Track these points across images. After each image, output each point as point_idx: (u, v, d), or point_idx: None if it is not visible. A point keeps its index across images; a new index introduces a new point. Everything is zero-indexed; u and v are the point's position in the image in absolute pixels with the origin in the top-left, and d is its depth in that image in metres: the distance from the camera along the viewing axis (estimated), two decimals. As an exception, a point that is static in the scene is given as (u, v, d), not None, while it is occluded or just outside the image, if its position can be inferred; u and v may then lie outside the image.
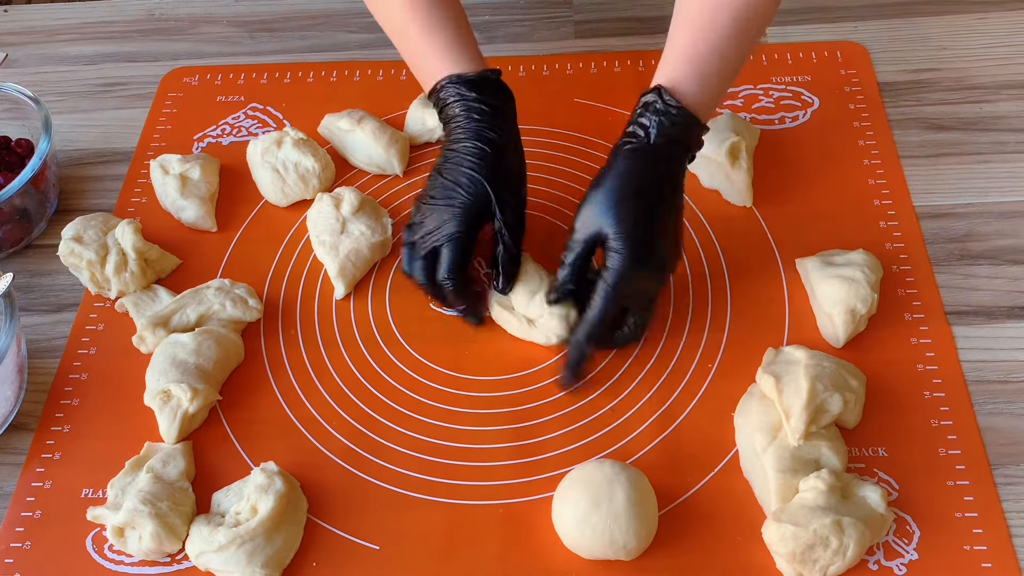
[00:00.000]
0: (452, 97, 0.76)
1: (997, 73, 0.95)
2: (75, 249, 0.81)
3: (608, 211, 0.70)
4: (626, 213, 0.70)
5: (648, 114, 0.71)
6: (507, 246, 0.75)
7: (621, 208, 0.70)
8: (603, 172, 0.72)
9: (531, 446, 0.73)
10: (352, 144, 0.91)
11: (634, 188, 0.71)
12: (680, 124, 0.71)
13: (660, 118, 0.71)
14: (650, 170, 0.71)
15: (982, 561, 0.65)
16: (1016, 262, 0.81)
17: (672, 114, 0.71)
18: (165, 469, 0.71)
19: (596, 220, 0.71)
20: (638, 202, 0.70)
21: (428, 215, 0.75)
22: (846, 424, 0.71)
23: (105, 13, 1.12)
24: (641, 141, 0.72)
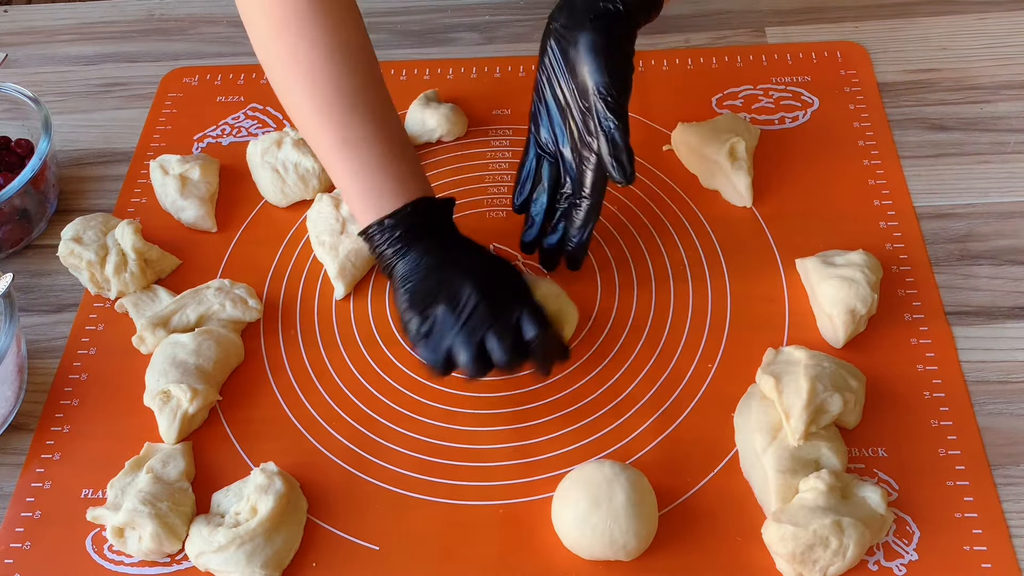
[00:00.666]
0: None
1: (997, 73, 0.95)
2: (75, 249, 0.81)
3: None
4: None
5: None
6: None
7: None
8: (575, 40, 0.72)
9: (531, 446, 0.73)
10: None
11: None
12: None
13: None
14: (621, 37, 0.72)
15: (982, 561, 0.65)
16: (1016, 262, 0.81)
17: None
18: (165, 469, 0.71)
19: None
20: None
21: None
22: (846, 424, 0.71)
23: (105, 13, 1.12)
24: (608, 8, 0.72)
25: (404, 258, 0.71)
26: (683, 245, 0.84)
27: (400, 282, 0.71)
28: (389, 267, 0.72)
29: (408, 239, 0.71)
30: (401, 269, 0.71)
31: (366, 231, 0.72)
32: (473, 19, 1.07)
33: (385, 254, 0.72)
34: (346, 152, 0.72)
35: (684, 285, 0.81)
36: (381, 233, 0.72)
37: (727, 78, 0.96)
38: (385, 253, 0.72)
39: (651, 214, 0.86)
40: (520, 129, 0.94)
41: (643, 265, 0.83)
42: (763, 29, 1.02)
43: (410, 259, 0.71)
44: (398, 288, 0.72)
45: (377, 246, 0.72)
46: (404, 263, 0.71)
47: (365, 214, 0.72)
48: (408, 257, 0.71)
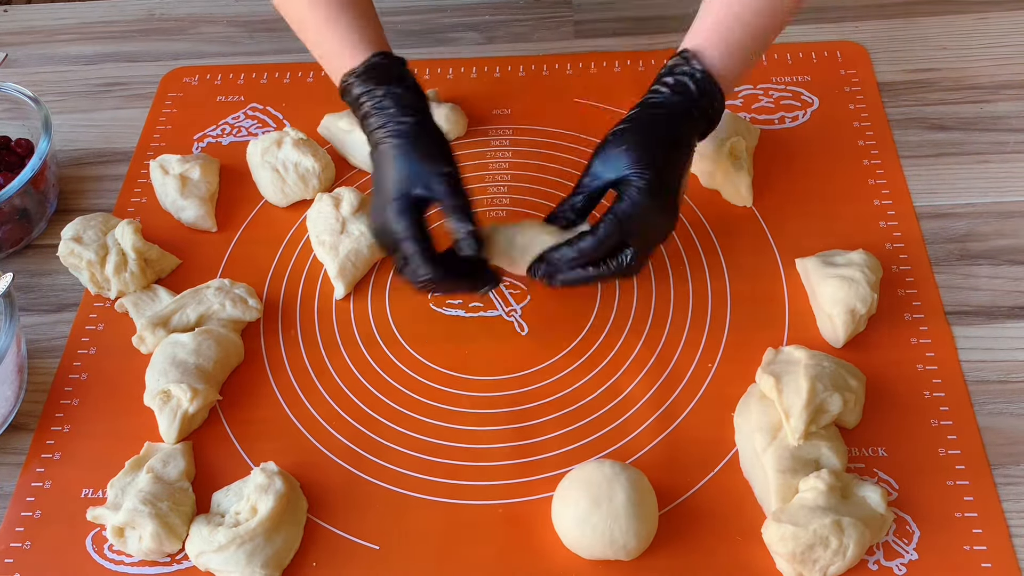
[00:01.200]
0: (355, 96, 0.75)
1: (997, 73, 0.95)
2: (75, 249, 0.81)
3: (629, 154, 0.70)
4: (647, 157, 0.70)
5: (673, 75, 0.73)
6: (448, 208, 0.72)
7: (643, 152, 0.70)
8: (624, 124, 0.73)
9: (531, 446, 0.73)
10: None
11: (656, 138, 0.71)
12: (702, 88, 0.72)
13: (684, 79, 0.72)
14: (670, 126, 0.72)
15: (982, 561, 0.65)
16: (1016, 262, 0.81)
17: (696, 77, 0.72)
18: (165, 469, 0.71)
19: (615, 163, 0.71)
20: (658, 150, 0.71)
21: (376, 226, 0.74)
22: (846, 424, 0.71)
23: (105, 13, 1.12)
24: (664, 100, 0.73)
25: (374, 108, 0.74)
26: (683, 245, 0.84)
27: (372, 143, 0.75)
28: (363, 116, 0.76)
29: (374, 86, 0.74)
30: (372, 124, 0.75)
31: (341, 90, 0.77)
32: (473, 19, 1.07)
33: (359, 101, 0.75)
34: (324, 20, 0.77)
35: (684, 285, 0.81)
36: (353, 88, 0.75)
37: (727, 78, 0.96)
38: (359, 109, 0.75)
39: (651, 214, 0.86)
40: (520, 129, 0.94)
41: (643, 265, 0.83)
42: (763, 29, 1.01)
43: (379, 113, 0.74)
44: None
45: (352, 103, 0.76)
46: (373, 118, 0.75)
47: (340, 68, 0.77)
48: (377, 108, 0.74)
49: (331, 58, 0.78)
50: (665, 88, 0.73)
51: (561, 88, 0.98)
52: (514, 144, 0.93)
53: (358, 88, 0.75)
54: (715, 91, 0.73)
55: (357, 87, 0.75)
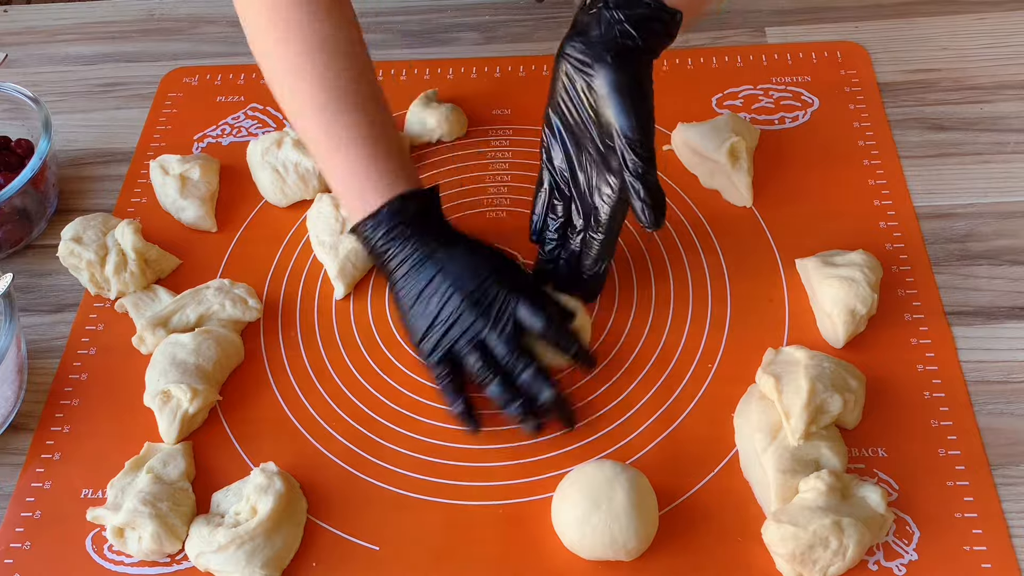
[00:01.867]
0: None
1: (997, 73, 0.95)
2: (74, 250, 0.81)
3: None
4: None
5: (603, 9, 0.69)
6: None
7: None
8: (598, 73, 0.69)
9: (531, 446, 0.73)
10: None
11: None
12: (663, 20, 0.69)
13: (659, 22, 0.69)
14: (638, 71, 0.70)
15: (982, 561, 0.65)
16: (1016, 262, 0.81)
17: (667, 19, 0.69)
18: (165, 469, 0.71)
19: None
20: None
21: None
22: (846, 424, 0.71)
23: (105, 13, 1.12)
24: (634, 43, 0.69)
25: (397, 254, 0.73)
26: (683, 245, 0.84)
27: (394, 285, 0.74)
28: (383, 263, 0.74)
29: (397, 234, 0.72)
30: (394, 265, 0.73)
31: (356, 228, 0.74)
32: (473, 19, 1.07)
33: (377, 250, 0.74)
34: (332, 150, 0.74)
35: (684, 285, 0.81)
36: (372, 229, 0.73)
37: (727, 78, 0.96)
38: (377, 249, 0.74)
39: (651, 214, 0.86)
40: (520, 129, 0.94)
41: (643, 265, 0.83)
42: (763, 29, 1.02)
43: (402, 255, 0.72)
44: (394, 291, 0.74)
45: (368, 243, 0.74)
46: (396, 259, 0.73)
47: (354, 212, 0.74)
48: (401, 253, 0.72)
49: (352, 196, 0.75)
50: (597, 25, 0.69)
51: (561, 88, 0.97)
52: (514, 144, 0.93)
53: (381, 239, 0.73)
54: (675, 17, 0.69)
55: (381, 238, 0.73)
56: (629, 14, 0.68)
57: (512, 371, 0.71)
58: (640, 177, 0.69)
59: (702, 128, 0.88)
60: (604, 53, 0.68)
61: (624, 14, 0.68)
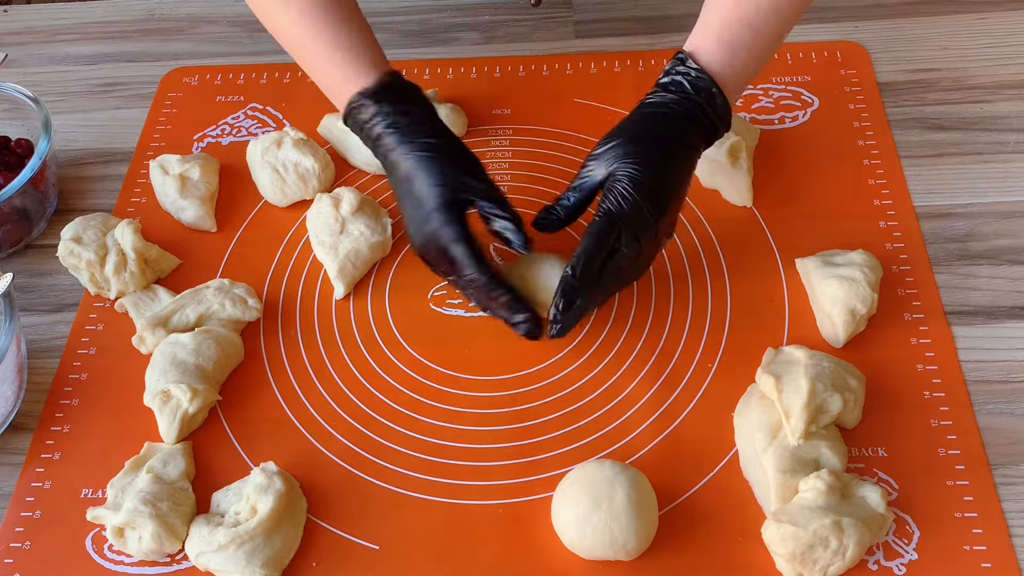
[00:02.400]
0: (368, 117, 0.75)
1: (997, 73, 0.95)
2: (74, 250, 0.81)
3: (619, 149, 0.70)
4: (638, 152, 0.70)
5: (669, 76, 0.72)
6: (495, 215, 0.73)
7: (633, 147, 0.70)
8: (621, 124, 0.72)
9: (531, 446, 0.73)
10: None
11: (649, 136, 0.71)
12: (699, 87, 0.71)
13: (679, 80, 0.72)
14: (666, 126, 0.72)
15: (982, 561, 0.65)
16: (1016, 262, 0.81)
17: (691, 76, 0.71)
18: (166, 469, 0.71)
19: (606, 160, 0.71)
20: (651, 147, 0.70)
21: (421, 239, 0.73)
22: (846, 424, 0.71)
23: (105, 13, 1.12)
24: (659, 100, 0.72)
25: (384, 140, 0.74)
26: (683, 245, 0.84)
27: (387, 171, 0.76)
28: (375, 151, 0.76)
29: (382, 118, 0.74)
30: (381, 154, 0.75)
31: (346, 119, 0.76)
32: (473, 19, 1.07)
33: (370, 137, 0.75)
34: (307, 46, 0.77)
35: (684, 285, 0.81)
36: (362, 112, 0.75)
37: (727, 78, 0.96)
38: (370, 136, 0.75)
39: (651, 214, 0.86)
40: (520, 129, 0.94)
41: (643, 265, 0.83)
42: (763, 29, 1.01)
43: (385, 144, 0.74)
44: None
45: (361, 130, 0.76)
46: (383, 148, 0.75)
47: (341, 99, 0.76)
48: (385, 142, 0.74)
49: (334, 80, 0.77)
50: (661, 90, 0.73)
51: (561, 88, 0.97)
52: (514, 144, 0.93)
53: (370, 109, 0.74)
54: (713, 90, 0.71)
55: (369, 107, 0.74)
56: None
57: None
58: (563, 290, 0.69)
59: (702, 128, 0.88)
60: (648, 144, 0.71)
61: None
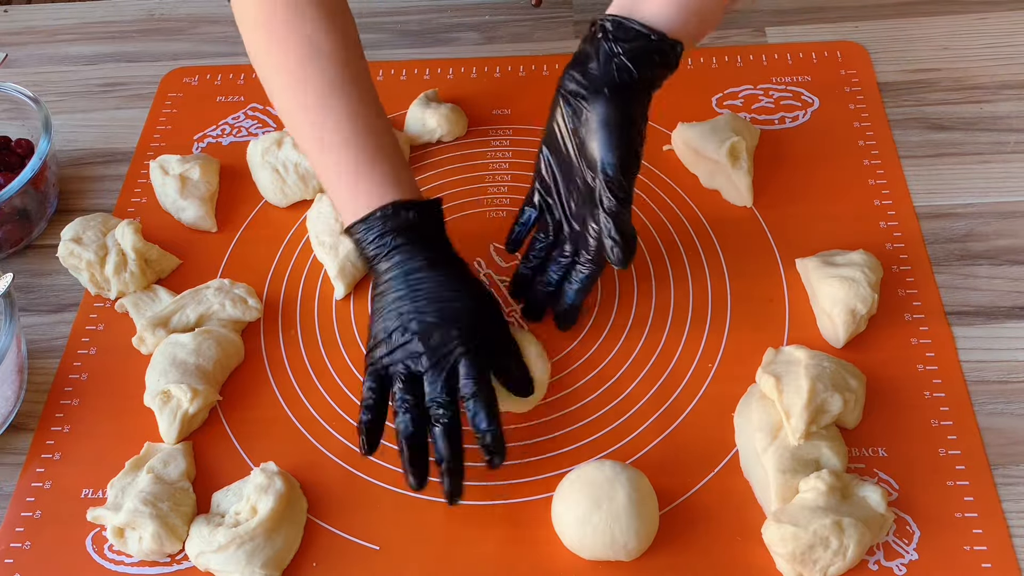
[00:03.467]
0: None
1: (997, 73, 0.95)
2: (74, 250, 0.81)
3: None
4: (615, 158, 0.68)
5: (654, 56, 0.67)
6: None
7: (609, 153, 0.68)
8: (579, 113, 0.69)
9: (531, 446, 0.73)
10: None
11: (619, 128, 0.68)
12: (642, 50, 0.67)
13: (614, 46, 0.67)
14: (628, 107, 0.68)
15: (982, 561, 0.65)
16: (1016, 262, 0.81)
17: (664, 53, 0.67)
18: (166, 469, 0.71)
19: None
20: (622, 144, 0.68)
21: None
22: (846, 424, 0.71)
23: (105, 13, 1.12)
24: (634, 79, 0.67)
25: (382, 261, 0.71)
26: (683, 245, 0.84)
27: (374, 288, 0.72)
28: (370, 268, 0.73)
29: (387, 242, 0.70)
30: (377, 272, 0.71)
31: (348, 230, 0.73)
32: (473, 19, 1.07)
33: (366, 254, 0.72)
34: (324, 153, 0.73)
35: (684, 285, 0.81)
36: (364, 232, 0.71)
37: (727, 78, 0.96)
38: (366, 253, 0.72)
39: (651, 214, 0.86)
40: (520, 129, 0.94)
41: (643, 265, 0.83)
42: (763, 29, 1.02)
43: (386, 264, 0.71)
44: (372, 296, 0.72)
45: (359, 244, 0.72)
46: (380, 267, 0.71)
47: (345, 215, 0.73)
48: (385, 262, 0.71)
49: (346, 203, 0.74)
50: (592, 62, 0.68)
51: (561, 88, 0.97)
52: (514, 144, 0.93)
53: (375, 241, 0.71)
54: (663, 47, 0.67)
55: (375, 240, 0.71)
56: (628, 47, 0.67)
57: (430, 416, 0.68)
58: (613, 216, 0.69)
59: (702, 128, 0.88)
60: (601, 86, 0.67)
61: (623, 47, 0.67)
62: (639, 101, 0.69)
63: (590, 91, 0.68)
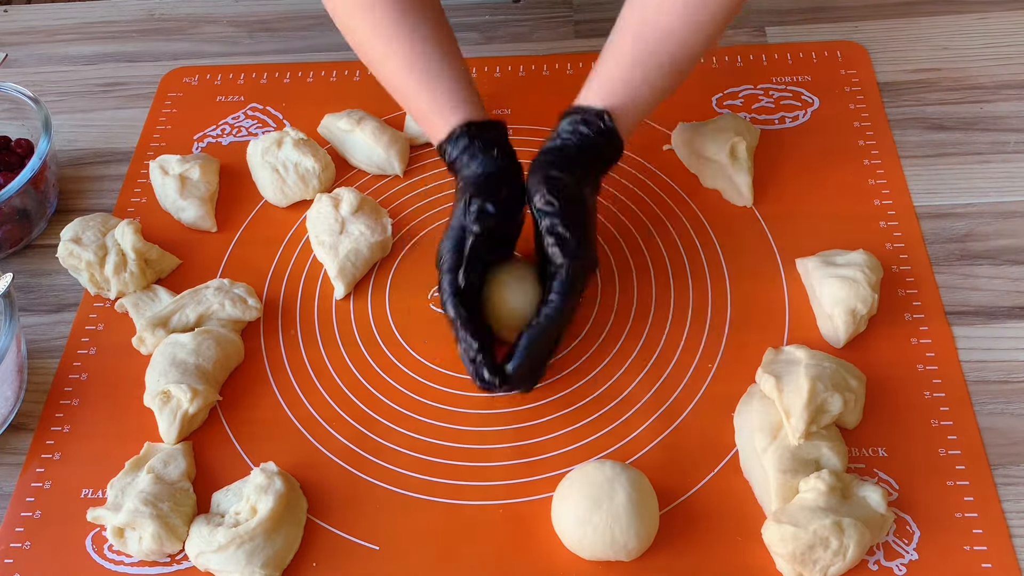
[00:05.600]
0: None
1: (997, 73, 0.95)
2: (74, 251, 0.81)
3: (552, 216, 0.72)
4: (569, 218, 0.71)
5: (583, 128, 0.74)
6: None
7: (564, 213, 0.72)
8: (540, 169, 0.73)
9: (531, 446, 0.73)
10: (352, 144, 0.91)
11: (571, 193, 0.72)
12: (611, 145, 0.75)
13: (594, 136, 0.74)
14: (582, 176, 0.74)
15: (982, 561, 0.65)
16: (1016, 262, 0.81)
17: (607, 134, 0.74)
18: (166, 469, 0.71)
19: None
20: (577, 207, 0.72)
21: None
22: (846, 424, 0.71)
23: (105, 13, 1.12)
24: (570, 148, 0.74)
25: (460, 172, 0.76)
26: (683, 245, 0.84)
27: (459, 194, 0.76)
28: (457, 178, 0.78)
29: (463, 153, 0.76)
30: (457, 184, 0.77)
31: (439, 147, 0.78)
32: (473, 19, 1.06)
33: (453, 168, 0.77)
34: (415, 84, 0.78)
35: (684, 285, 0.81)
36: (451, 147, 0.76)
37: (727, 78, 0.96)
38: (453, 167, 0.77)
39: (651, 214, 0.86)
40: (520, 129, 0.94)
41: (643, 265, 0.83)
42: (763, 29, 1.02)
43: (460, 176, 0.77)
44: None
45: (447, 159, 0.77)
46: (459, 180, 0.77)
47: (436, 132, 0.78)
48: (460, 174, 0.76)
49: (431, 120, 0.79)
50: (574, 137, 0.75)
51: (561, 88, 0.96)
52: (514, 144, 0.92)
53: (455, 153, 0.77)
54: (619, 145, 0.75)
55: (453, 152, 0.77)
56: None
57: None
58: (548, 228, 0.71)
59: (702, 128, 0.88)
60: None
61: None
62: (576, 163, 0.74)
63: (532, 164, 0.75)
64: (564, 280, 0.70)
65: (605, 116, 0.74)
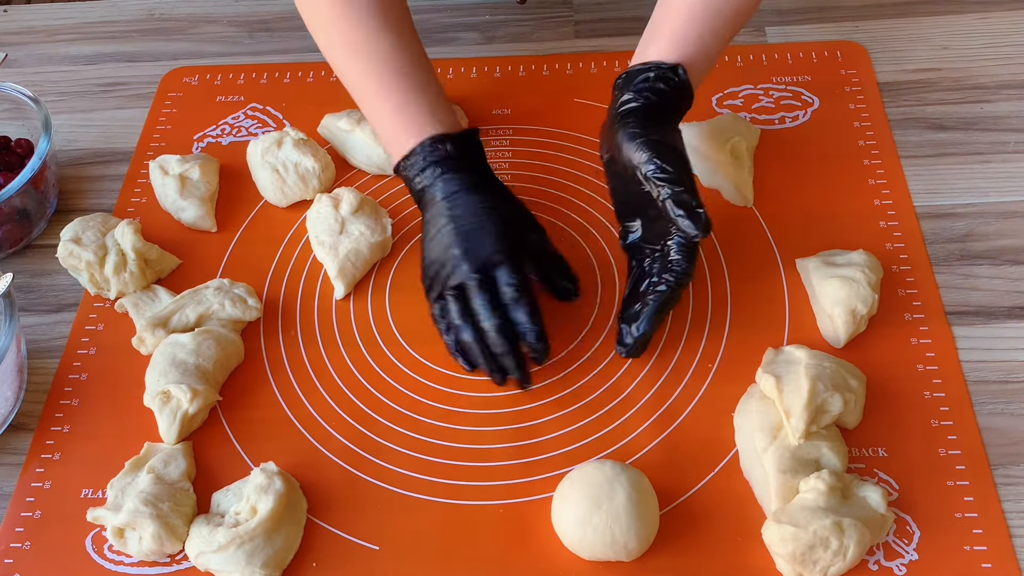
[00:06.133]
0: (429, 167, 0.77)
1: (997, 73, 0.95)
2: (73, 251, 0.81)
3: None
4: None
5: (660, 85, 0.74)
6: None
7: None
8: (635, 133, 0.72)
9: (531, 446, 0.73)
10: (352, 144, 0.91)
11: (679, 157, 0.72)
12: (684, 98, 0.75)
13: (671, 91, 0.74)
14: (670, 133, 0.74)
15: (982, 561, 0.65)
16: (1016, 262, 0.81)
17: (682, 87, 0.74)
18: (167, 469, 0.71)
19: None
20: (687, 170, 0.72)
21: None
22: (846, 424, 0.71)
23: (105, 13, 1.12)
24: (653, 107, 0.74)
25: (425, 192, 0.77)
26: (683, 245, 0.84)
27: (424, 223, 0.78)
28: (418, 202, 0.79)
29: (428, 174, 0.76)
30: (423, 204, 0.77)
31: (396, 168, 0.78)
32: (473, 19, 1.07)
33: (413, 189, 0.78)
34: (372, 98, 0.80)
35: (684, 285, 0.81)
36: (407, 169, 0.77)
37: (727, 78, 0.96)
38: (413, 188, 0.78)
39: (651, 214, 0.86)
40: (520, 129, 0.94)
41: (643, 265, 0.83)
42: (763, 29, 1.02)
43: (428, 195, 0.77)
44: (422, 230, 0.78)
45: (407, 181, 0.78)
46: (425, 198, 0.77)
47: (393, 154, 0.79)
48: (427, 193, 0.77)
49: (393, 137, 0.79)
50: (655, 95, 0.74)
51: (561, 88, 0.97)
52: (514, 144, 0.93)
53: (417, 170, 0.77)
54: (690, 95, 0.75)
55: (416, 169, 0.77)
56: (640, 83, 0.74)
57: (478, 321, 0.73)
58: (672, 198, 0.70)
59: (702, 128, 0.88)
60: (621, 121, 0.73)
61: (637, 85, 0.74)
62: (661, 121, 0.74)
63: (616, 128, 0.73)
64: (693, 248, 0.72)
65: (680, 70, 0.74)
